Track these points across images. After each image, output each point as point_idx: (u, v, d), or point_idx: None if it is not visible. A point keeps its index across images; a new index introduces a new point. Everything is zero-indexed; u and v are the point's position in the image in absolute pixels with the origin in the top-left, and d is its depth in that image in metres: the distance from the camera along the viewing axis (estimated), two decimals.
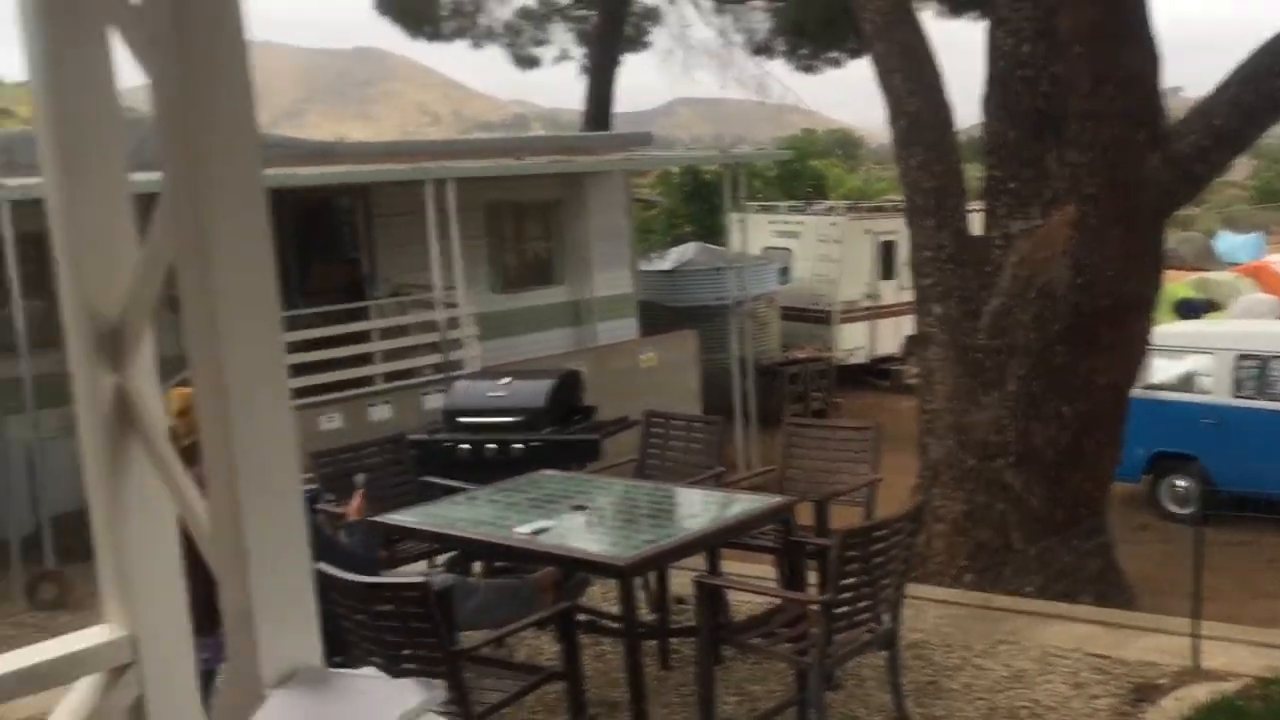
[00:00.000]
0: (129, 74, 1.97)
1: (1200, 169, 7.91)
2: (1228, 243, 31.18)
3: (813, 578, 5.64)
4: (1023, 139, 7.91)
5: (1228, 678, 5.10)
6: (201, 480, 1.84)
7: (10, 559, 9.45)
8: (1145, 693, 5.06)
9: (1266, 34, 7.65)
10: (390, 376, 12.20)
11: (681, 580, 6.10)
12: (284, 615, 1.78)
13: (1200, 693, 4.98)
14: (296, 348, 10.88)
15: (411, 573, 5.49)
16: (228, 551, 1.76)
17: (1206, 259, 27.77)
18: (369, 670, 1.83)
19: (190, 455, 1.78)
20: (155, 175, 1.76)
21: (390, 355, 12.33)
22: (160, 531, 2.07)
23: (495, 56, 23.81)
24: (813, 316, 18.98)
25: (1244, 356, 11.37)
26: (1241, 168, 52.71)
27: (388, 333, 12.41)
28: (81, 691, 2.06)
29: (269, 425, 1.73)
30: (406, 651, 4.27)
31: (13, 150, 11.24)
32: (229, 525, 1.73)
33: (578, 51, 22.81)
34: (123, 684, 2.05)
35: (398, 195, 12.77)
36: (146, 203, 2.00)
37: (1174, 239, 28.12)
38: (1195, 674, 5.18)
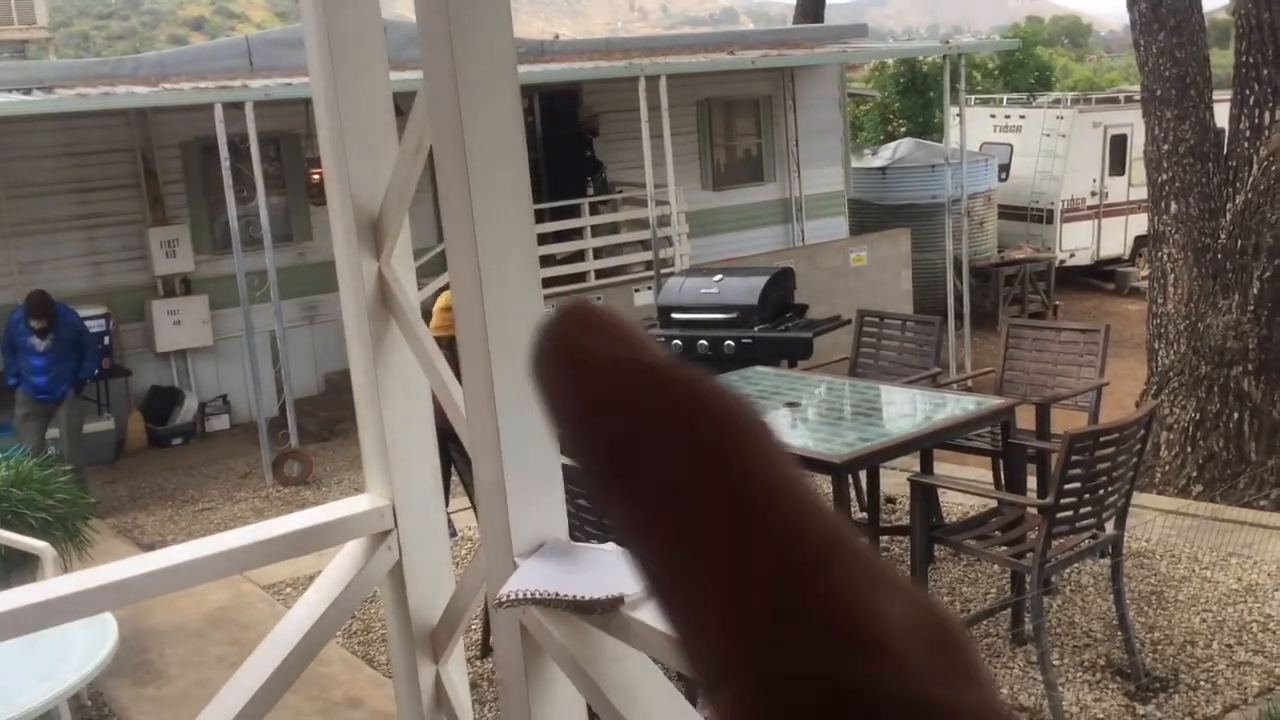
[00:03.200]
0: None
1: None
2: None
3: (1030, 483, 5.54)
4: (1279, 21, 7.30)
5: None
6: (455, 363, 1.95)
7: (259, 439, 10.22)
8: None
9: None
10: (602, 274, 12.45)
11: (893, 481, 6.09)
12: (533, 490, 1.89)
13: None
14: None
15: None
16: (482, 429, 1.87)
17: None
18: (609, 545, 1.93)
19: (454, 348, 1.89)
20: (412, 74, 1.85)
21: (602, 252, 12.57)
22: (416, 408, 2.22)
23: None
24: (1033, 215, 18.20)
25: None
26: None
27: (599, 229, 12.63)
28: (348, 554, 2.24)
29: (521, 310, 1.82)
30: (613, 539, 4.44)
31: (251, 53, 11.87)
32: (484, 405, 1.84)
33: None
34: (384, 549, 2.23)
35: (610, 92, 12.85)
36: (404, 102, 2.10)
37: None
38: None
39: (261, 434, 10.19)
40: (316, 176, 11.67)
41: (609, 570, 1.80)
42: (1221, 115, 8.01)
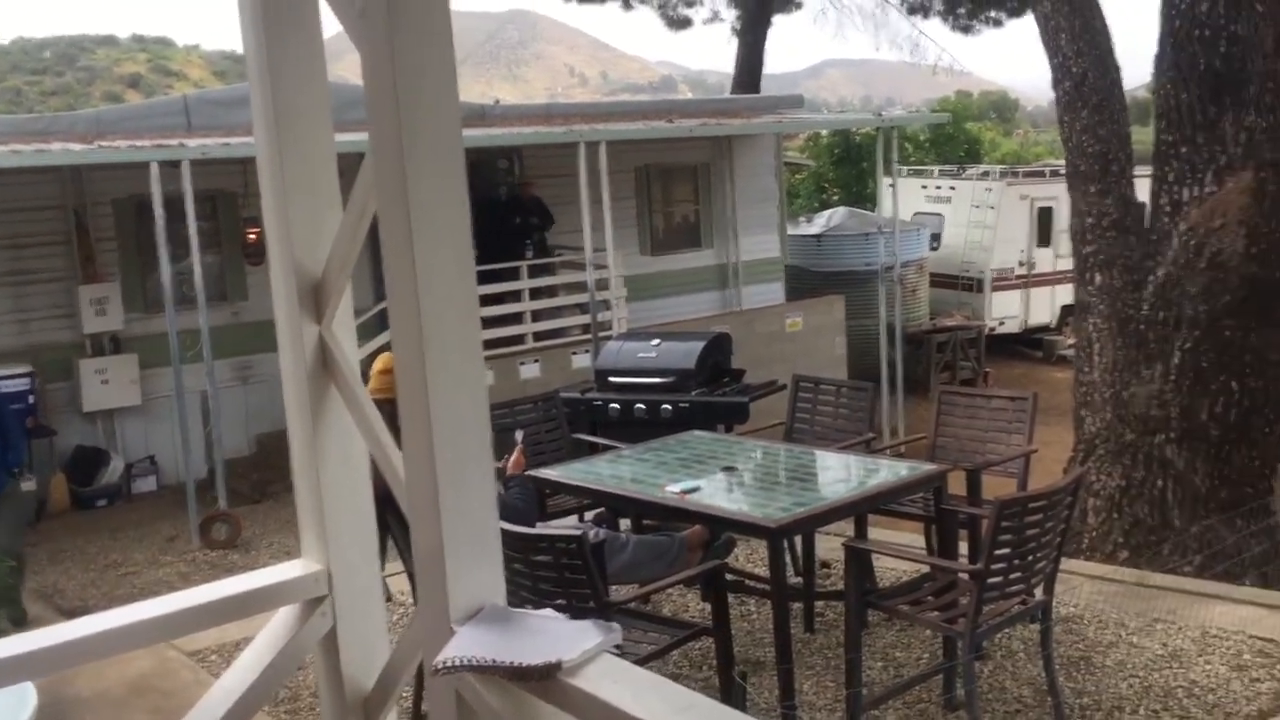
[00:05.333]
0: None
1: None
2: None
3: (962, 548, 5.60)
4: (1198, 101, 7.59)
5: None
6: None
7: (187, 500, 10.02)
8: None
9: None
10: (540, 336, 12.47)
11: (829, 545, 6.12)
12: (471, 555, 1.88)
13: None
14: None
15: (566, 526, 5.65)
16: (421, 494, 1.87)
17: None
18: (548, 610, 1.93)
19: (393, 411, 1.89)
20: (357, 136, 1.87)
21: (540, 315, 12.60)
22: (354, 473, 2.21)
23: (645, 18, 23.83)
24: (964, 284, 18.61)
25: None
26: None
27: (537, 293, 12.67)
28: (281, 620, 2.21)
29: (462, 374, 1.83)
30: (560, 601, 4.41)
31: (189, 112, 11.83)
32: (424, 470, 1.84)
33: (729, 13, 22.64)
34: (318, 615, 2.20)
35: (550, 157, 12.97)
36: (344, 163, 2.12)
37: None
38: None
39: (189, 496, 10.00)
40: (253, 236, 11.60)
41: (547, 636, 1.80)
42: (1143, 190, 8.28)
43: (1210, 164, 7.60)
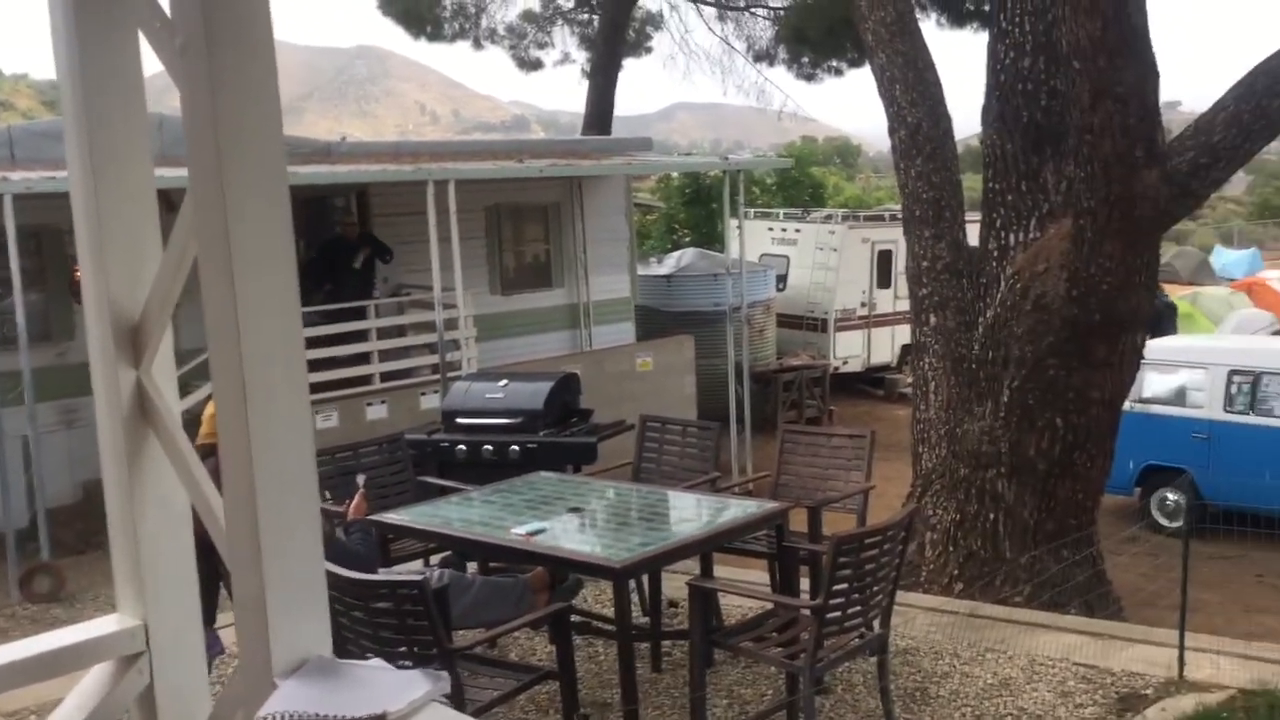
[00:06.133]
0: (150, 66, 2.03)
1: (1196, 185, 7.97)
2: (1224, 258, 31.33)
3: (804, 583, 5.71)
4: (1021, 152, 7.99)
5: (1212, 689, 5.16)
6: (218, 473, 1.89)
7: (6, 551, 9.47)
8: (1130, 702, 5.12)
9: (1266, 51, 7.73)
10: (387, 376, 12.26)
11: (674, 584, 6.16)
12: (296, 605, 1.83)
13: (1185, 704, 5.04)
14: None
15: (408, 571, 5.54)
16: (242, 542, 1.81)
17: (1202, 274, 27.88)
18: (376, 661, 1.88)
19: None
20: (178, 171, 1.82)
21: (388, 355, 12.39)
22: (174, 524, 2.12)
23: (497, 58, 23.91)
24: (809, 324, 19.08)
25: (1235, 372, 11.45)
26: (1238, 183, 52.94)
27: (385, 332, 12.46)
28: (94, 678, 2.10)
29: (286, 418, 1.78)
30: (402, 649, 4.32)
31: (13, 144, 11.29)
32: (244, 516, 1.78)
33: (580, 55, 22.88)
34: (133, 672, 2.10)
35: (398, 195, 12.82)
36: (166, 199, 2.05)
37: (1170, 254, 28.27)
38: (1180, 685, 5.24)
39: (9, 547, 9.45)
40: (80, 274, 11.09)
41: (373, 687, 1.75)
42: (975, 235, 8.65)
43: (1034, 211, 7.99)
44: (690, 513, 5.72)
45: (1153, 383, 11.71)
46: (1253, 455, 10.97)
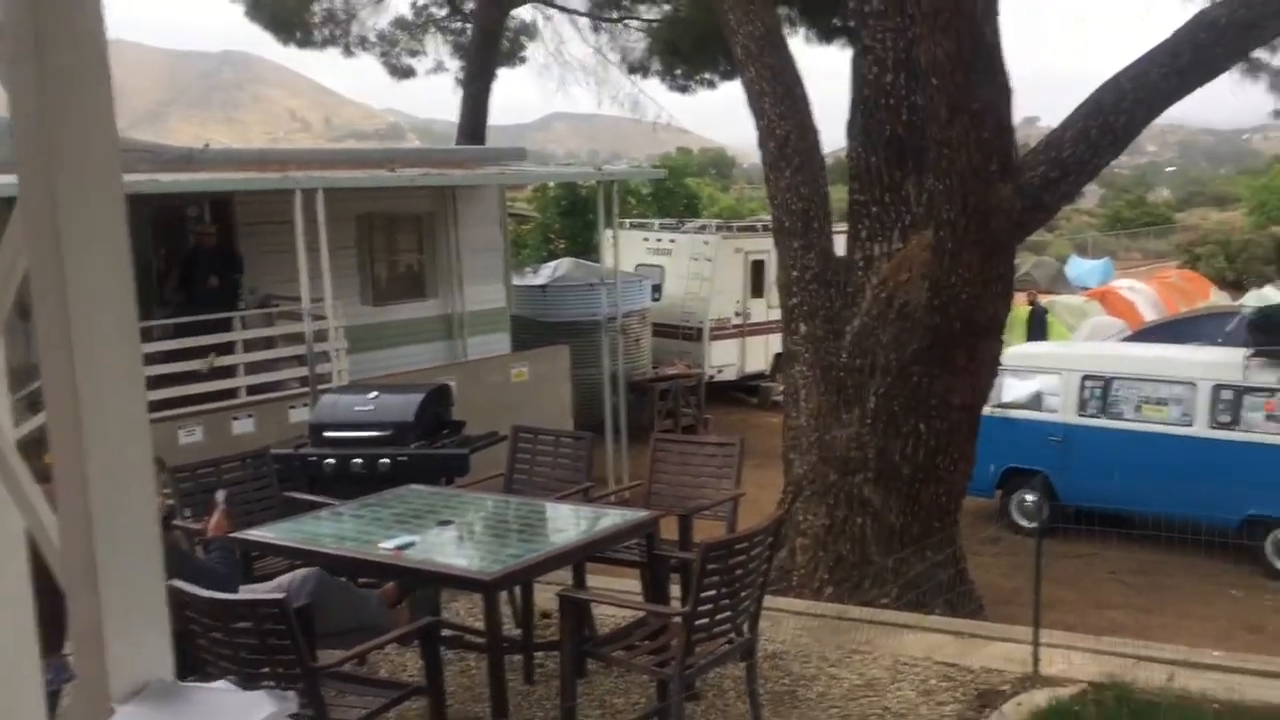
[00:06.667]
0: None
1: (1048, 198, 8.32)
2: (1078, 268, 32.72)
3: (676, 590, 5.75)
4: (885, 165, 8.21)
5: (1065, 684, 5.36)
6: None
7: None
8: (989, 698, 5.29)
9: (1113, 69, 8.12)
10: (255, 389, 11.94)
11: (547, 595, 6.14)
12: (135, 628, 1.76)
13: (1040, 698, 5.22)
14: (156, 359, 10.58)
15: (269, 588, 5.40)
16: (77, 563, 1.74)
17: (1058, 283, 29.06)
18: (221, 684, 1.83)
19: None
20: (10, 179, 1.75)
21: (255, 367, 12.07)
22: (6, 548, 2.04)
23: (369, 65, 23.50)
24: (684, 333, 19.26)
25: (1088, 377, 11.95)
26: (1092, 196, 55.32)
27: (253, 344, 12.14)
28: None
29: (123, 435, 1.72)
30: (265, 669, 4.21)
31: None
32: (79, 537, 1.72)
33: (453, 63, 22.69)
34: None
35: (265, 204, 12.52)
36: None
37: (1029, 264, 29.37)
38: (1035, 680, 5.43)
39: None
40: None
41: (216, 710, 1.71)
42: (843, 245, 8.85)
43: (897, 222, 8.21)
44: (561, 523, 5.71)
45: (1011, 388, 12.14)
46: (1104, 457, 11.46)
